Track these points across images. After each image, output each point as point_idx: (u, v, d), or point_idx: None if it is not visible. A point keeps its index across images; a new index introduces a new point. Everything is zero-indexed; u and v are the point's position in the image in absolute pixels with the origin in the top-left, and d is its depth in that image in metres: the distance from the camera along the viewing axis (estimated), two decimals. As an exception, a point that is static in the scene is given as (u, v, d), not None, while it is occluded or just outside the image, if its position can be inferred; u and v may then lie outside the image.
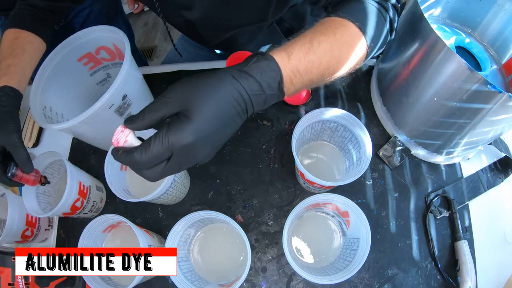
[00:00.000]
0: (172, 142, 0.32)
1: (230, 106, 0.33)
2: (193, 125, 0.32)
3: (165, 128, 0.32)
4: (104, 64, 0.69)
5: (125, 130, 0.35)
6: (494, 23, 0.59)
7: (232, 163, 0.65)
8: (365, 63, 0.73)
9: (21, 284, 0.52)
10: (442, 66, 0.46)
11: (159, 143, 0.32)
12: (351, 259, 0.50)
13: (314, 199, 0.49)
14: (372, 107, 0.68)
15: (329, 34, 0.39)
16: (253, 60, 0.35)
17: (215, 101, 0.33)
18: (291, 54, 0.37)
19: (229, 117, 0.34)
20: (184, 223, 0.51)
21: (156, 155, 0.32)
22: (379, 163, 0.63)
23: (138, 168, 0.34)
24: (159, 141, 0.32)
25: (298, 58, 0.37)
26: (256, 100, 0.35)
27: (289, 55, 0.36)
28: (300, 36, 0.39)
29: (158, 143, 0.32)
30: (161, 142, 0.32)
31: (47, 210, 0.59)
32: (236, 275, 0.55)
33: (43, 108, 0.57)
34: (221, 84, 0.33)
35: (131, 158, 0.33)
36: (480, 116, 0.48)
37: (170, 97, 0.33)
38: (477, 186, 0.61)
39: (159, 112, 0.33)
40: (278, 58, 0.36)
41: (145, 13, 2.12)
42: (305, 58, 0.37)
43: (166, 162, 0.34)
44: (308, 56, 0.37)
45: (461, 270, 0.54)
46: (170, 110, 0.33)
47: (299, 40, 0.38)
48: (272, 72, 0.35)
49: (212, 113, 0.33)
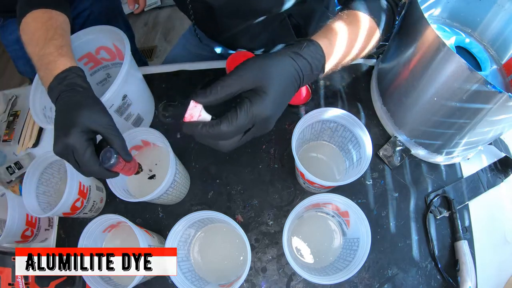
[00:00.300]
0: (256, 115, 0.36)
1: (292, 84, 0.39)
2: (271, 100, 0.37)
3: (247, 102, 0.36)
4: (104, 64, 0.69)
5: (197, 105, 0.37)
6: (494, 23, 0.59)
7: (232, 163, 0.65)
8: (365, 63, 0.73)
9: (21, 284, 0.52)
10: (442, 66, 0.46)
11: (245, 115, 0.36)
12: (351, 259, 0.50)
13: (314, 199, 0.49)
14: (372, 107, 0.68)
15: (357, 27, 0.47)
16: (305, 45, 0.41)
17: (283, 79, 0.38)
18: (332, 42, 0.43)
19: (290, 93, 0.40)
20: (184, 223, 0.51)
21: (241, 126, 0.36)
22: (379, 163, 0.63)
23: (218, 139, 0.37)
24: (245, 113, 0.36)
25: (336, 46, 0.44)
26: (307, 78, 0.41)
27: (330, 43, 0.43)
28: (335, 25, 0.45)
29: (243, 115, 0.35)
30: (246, 114, 0.36)
31: (47, 210, 0.59)
32: (236, 275, 0.55)
33: (43, 108, 0.57)
34: (285, 65, 0.38)
35: (216, 130, 0.36)
36: (480, 116, 0.48)
37: (243, 75, 0.37)
38: (477, 186, 0.61)
39: (233, 87, 0.36)
40: (323, 44, 0.42)
41: (145, 13, 2.12)
42: (340, 46, 0.45)
43: (244, 133, 0.38)
44: (343, 46, 0.45)
45: (461, 270, 0.54)
46: (244, 86, 0.37)
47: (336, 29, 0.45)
48: (319, 56, 0.42)
49: (282, 89, 0.38)
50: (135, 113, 0.62)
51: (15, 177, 0.68)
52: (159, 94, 0.72)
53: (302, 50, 0.40)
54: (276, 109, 0.38)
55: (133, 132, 0.57)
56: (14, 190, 0.69)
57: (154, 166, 0.64)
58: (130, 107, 0.59)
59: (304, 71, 0.40)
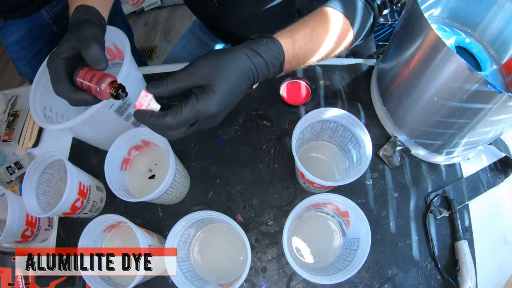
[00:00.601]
0: (200, 111, 0.38)
1: (244, 81, 0.40)
2: (218, 98, 0.38)
3: (193, 98, 0.38)
4: (104, 64, 0.69)
5: (148, 94, 0.38)
6: (494, 23, 0.59)
7: (232, 163, 0.65)
8: (365, 63, 0.73)
9: (21, 284, 0.52)
10: (442, 66, 0.46)
11: (189, 110, 0.37)
12: (351, 259, 0.50)
13: (314, 199, 0.49)
14: (372, 107, 0.68)
15: (326, 27, 0.46)
16: (263, 42, 0.41)
17: (234, 77, 0.39)
18: (295, 41, 0.43)
19: (242, 90, 0.41)
20: (184, 223, 0.51)
21: (184, 120, 0.38)
22: (379, 163, 0.63)
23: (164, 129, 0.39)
24: (189, 109, 0.37)
25: (300, 46, 0.44)
26: (262, 75, 0.42)
27: (293, 42, 0.43)
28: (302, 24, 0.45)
29: (188, 110, 0.37)
30: (191, 110, 0.37)
31: (47, 210, 0.59)
32: (236, 275, 0.55)
33: (43, 108, 0.57)
34: (239, 63, 0.39)
35: (161, 122, 0.38)
36: (480, 116, 0.48)
37: (195, 71, 0.38)
38: (477, 186, 0.61)
39: (184, 83, 0.38)
40: (284, 43, 0.42)
41: (145, 13, 2.12)
42: (305, 46, 0.44)
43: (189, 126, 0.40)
44: (308, 44, 0.44)
45: (461, 270, 0.54)
46: (195, 82, 0.38)
47: (301, 28, 0.45)
48: (277, 54, 0.42)
49: (232, 88, 0.39)
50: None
51: (15, 177, 0.68)
52: (159, 94, 0.72)
53: (260, 47, 0.41)
54: (223, 106, 0.39)
55: (133, 132, 0.57)
56: (14, 190, 0.69)
57: (154, 166, 0.64)
58: (130, 107, 0.59)
59: (259, 69, 0.41)
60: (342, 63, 0.73)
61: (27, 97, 0.57)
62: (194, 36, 0.90)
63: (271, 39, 0.42)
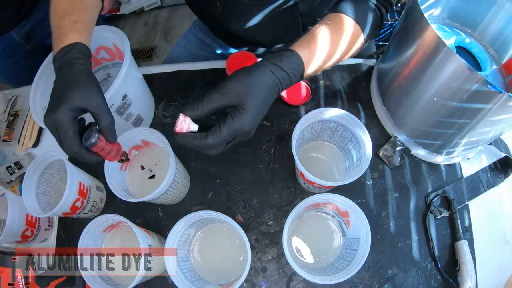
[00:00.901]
0: (237, 130, 0.41)
1: (271, 95, 0.44)
2: (251, 115, 0.41)
3: (229, 118, 0.41)
4: (104, 64, 0.69)
5: (186, 119, 0.42)
6: (494, 23, 0.59)
7: (232, 163, 0.65)
8: (365, 63, 0.73)
9: (21, 284, 0.52)
10: (442, 66, 0.46)
11: (227, 130, 0.41)
12: (351, 259, 0.50)
13: (314, 199, 0.49)
14: (372, 107, 0.68)
15: (339, 35, 0.49)
16: (284, 56, 0.44)
17: (263, 93, 0.42)
18: (313, 53, 0.46)
19: (269, 103, 0.44)
20: (184, 223, 0.51)
21: (224, 139, 0.41)
22: (379, 163, 0.63)
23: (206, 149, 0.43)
24: (227, 129, 0.41)
25: (317, 56, 0.47)
26: (285, 86, 0.45)
27: (311, 53, 0.46)
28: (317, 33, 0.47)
29: (226, 130, 0.41)
30: (228, 130, 0.41)
31: (47, 210, 0.59)
32: (236, 275, 0.55)
33: (43, 108, 0.57)
34: (265, 79, 0.43)
35: (203, 143, 0.41)
36: (480, 116, 0.48)
37: (226, 93, 0.41)
38: (477, 186, 0.61)
39: (217, 103, 0.41)
40: (302, 54, 0.45)
41: (145, 13, 2.12)
42: (321, 55, 0.47)
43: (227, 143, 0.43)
44: (323, 53, 0.47)
45: (461, 270, 0.54)
46: (226, 102, 0.41)
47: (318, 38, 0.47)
48: (298, 66, 0.45)
49: (261, 104, 0.42)
50: (135, 113, 0.62)
51: (15, 177, 0.68)
52: (159, 94, 0.72)
53: (282, 62, 0.44)
54: (255, 122, 0.43)
55: (133, 132, 0.57)
56: (14, 190, 0.69)
57: (154, 166, 0.64)
58: (130, 107, 0.59)
59: (283, 82, 0.44)
60: (342, 63, 0.73)
61: (27, 97, 0.57)
62: (194, 36, 0.90)
63: (290, 52, 0.45)
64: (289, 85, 0.46)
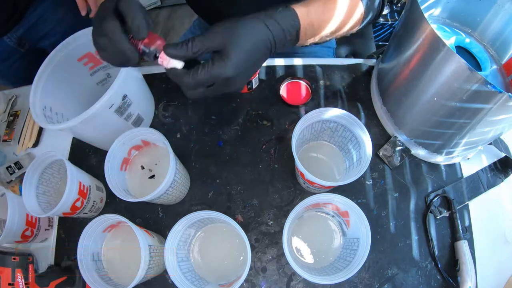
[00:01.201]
0: (214, 75, 0.39)
1: (262, 49, 0.41)
2: (232, 63, 0.39)
3: (209, 62, 0.39)
4: (104, 64, 0.69)
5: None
6: (494, 23, 0.59)
7: (232, 163, 0.65)
8: (365, 63, 0.73)
9: (21, 284, 0.52)
10: (442, 66, 0.46)
11: (204, 73, 0.39)
12: (351, 259, 0.50)
13: (314, 199, 0.49)
14: (372, 107, 0.68)
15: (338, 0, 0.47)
16: (279, 10, 0.42)
17: (250, 43, 0.40)
18: (310, 11, 0.44)
19: (260, 57, 0.42)
20: (184, 223, 0.51)
21: (200, 81, 0.40)
22: (379, 163, 0.63)
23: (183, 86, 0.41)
24: (205, 72, 0.39)
25: (314, 16, 0.45)
26: (279, 43, 0.42)
27: (308, 12, 0.44)
28: None
29: (203, 73, 0.39)
30: (206, 72, 0.39)
31: (47, 210, 0.59)
32: (236, 275, 0.55)
33: (43, 108, 0.57)
34: (255, 29, 0.40)
35: (179, 79, 0.40)
36: (480, 116, 0.48)
37: (212, 38, 0.39)
38: (477, 186, 0.61)
39: (200, 46, 0.39)
40: (299, 11, 0.43)
41: (145, 13, 2.12)
42: (319, 17, 0.45)
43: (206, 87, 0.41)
44: (322, 15, 0.46)
45: (461, 270, 0.54)
46: (209, 46, 0.39)
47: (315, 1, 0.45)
48: (293, 22, 0.43)
49: (247, 53, 0.40)
50: (135, 113, 0.62)
51: (15, 177, 0.68)
52: (159, 94, 0.72)
53: (276, 15, 0.42)
54: (238, 71, 0.40)
55: (133, 132, 0.57)
56: (14, 190, 0.69)
57: (154, 166, 0.64)
58: (130, 107, 0.59)
59: (277, 36, 0.42)
60: (342, 63, 0.73)
61: (27, 97, 0.57)
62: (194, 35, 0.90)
63: (286, 7, 0.43)
64: (284, 43, 0.43)
